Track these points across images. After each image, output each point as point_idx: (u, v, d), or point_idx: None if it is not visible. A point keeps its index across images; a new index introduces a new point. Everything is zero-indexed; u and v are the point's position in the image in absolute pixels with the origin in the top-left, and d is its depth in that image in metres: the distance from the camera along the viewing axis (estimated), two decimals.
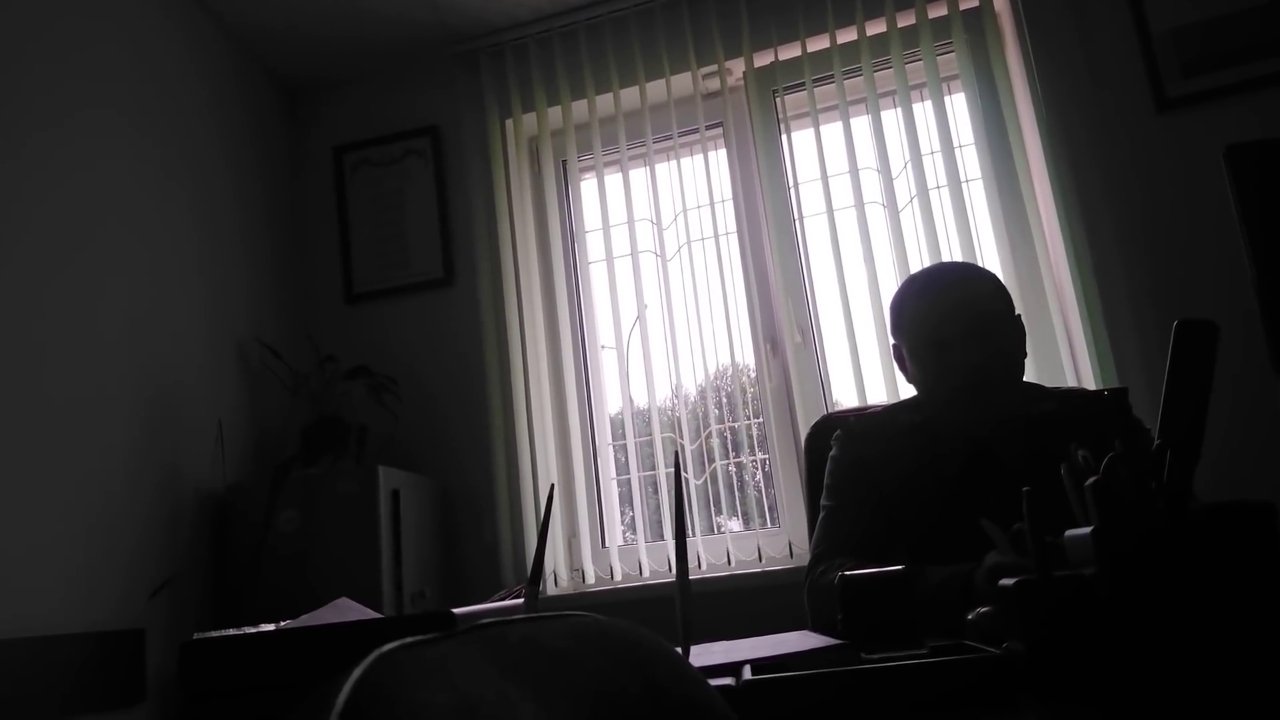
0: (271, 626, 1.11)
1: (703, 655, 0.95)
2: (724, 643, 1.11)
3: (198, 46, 2.60)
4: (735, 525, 2.59)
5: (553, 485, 1.22)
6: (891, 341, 1.62)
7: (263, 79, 2.91)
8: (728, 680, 0.82)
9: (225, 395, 2.46)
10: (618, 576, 2.52)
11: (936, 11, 2.54)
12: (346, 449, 2.44)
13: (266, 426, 2.61)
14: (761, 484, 2.60)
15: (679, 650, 0.90)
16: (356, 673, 0.32)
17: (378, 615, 1.16)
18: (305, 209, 2.96)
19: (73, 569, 1.89)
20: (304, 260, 2.92)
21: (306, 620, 1.10)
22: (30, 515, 1.80)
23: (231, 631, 1.04)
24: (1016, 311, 1.55)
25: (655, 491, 2.61)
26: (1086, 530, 0.77)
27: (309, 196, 2.96)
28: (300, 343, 2.77)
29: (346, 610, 1.13)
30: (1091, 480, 0.79)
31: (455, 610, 0.96)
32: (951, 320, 1.46)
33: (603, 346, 2.78)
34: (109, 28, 2.25)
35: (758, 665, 0.84)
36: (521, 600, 1.00)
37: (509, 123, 2.85)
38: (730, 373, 2.70)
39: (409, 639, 0.39)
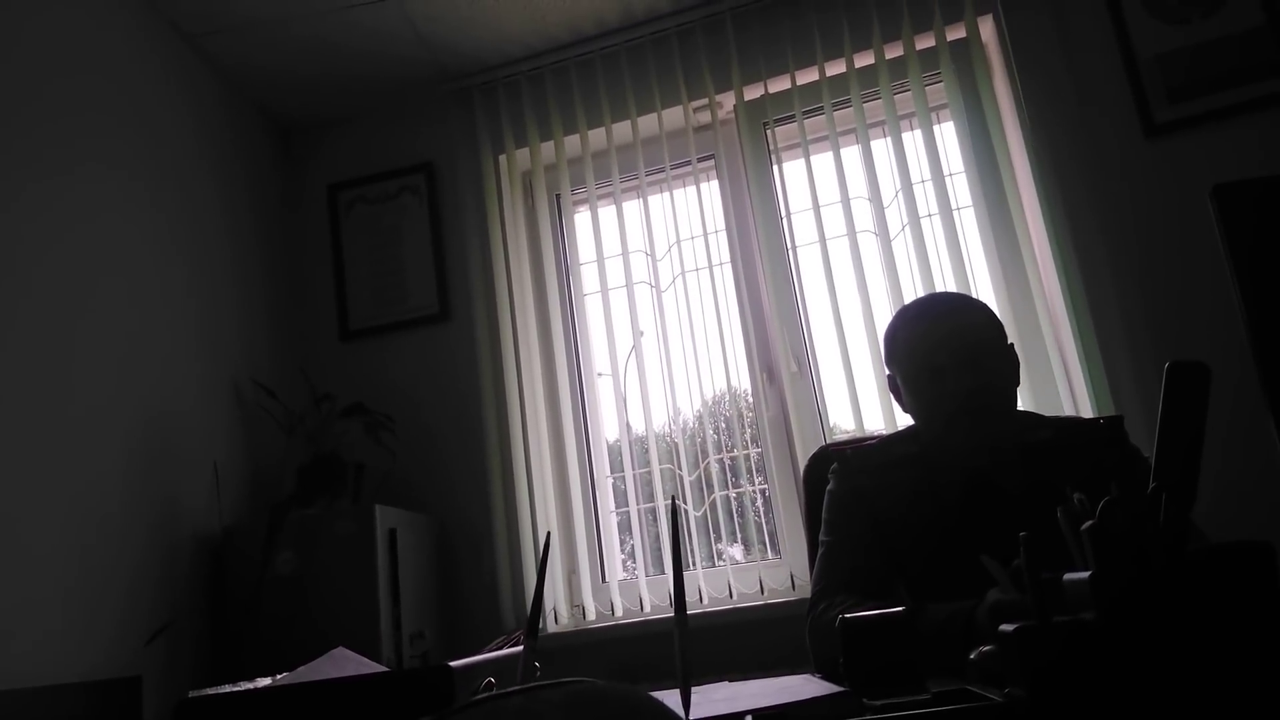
0: (268, 681, 1.10)
1: (704, 704, 0.94)
2: (726, 686, 1.10)
3: (191, 88, 2.61)
4: (737, 553, 2.58)
5: (549, 534, 1.22)
6: (886, 372, 1.62)
7: (257, 119, 2.93)
8: None
9: (220, 436, 2.46)
10: (618, 612, 2.51)
11: (924, 43, 2.57)
12: (344, 488, 2.43)
13: (262, 466, 2.60)
14: (762, 512, 2.59)
15: (672, 697, 0.89)
16: None
17: (376, 666, 1.15)
18: (301, 247, 2.97)
19: (66, 616, 1.87)
20: (299, 298, 2.93)
21: (304, 673, 1.09)
22: (23, 561, 1.79)
23: (227, 688, 1.03)
24: (1009, 341, 1.56)
25: (655, 522, 2.60)
26: (1084, 575, 0.77)
27: (304, 234, 2.97)
28: (296, 381, 2.76)
29: (344, 662, 1.12)
30: (1088, 525, 0.79)
31: (455, 663, 0.95)
32: (945, 348, 1.47)
33: (599, 374, 2.78)
34: (103, 68, 2.27)
35: (760, 716, 0.83)
36: (519, 648, 1.00)
37: (502, 158, 2.86)
38: (727, 401, 2.70)
39: None
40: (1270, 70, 2.30)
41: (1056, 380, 2.35)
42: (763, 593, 2.41)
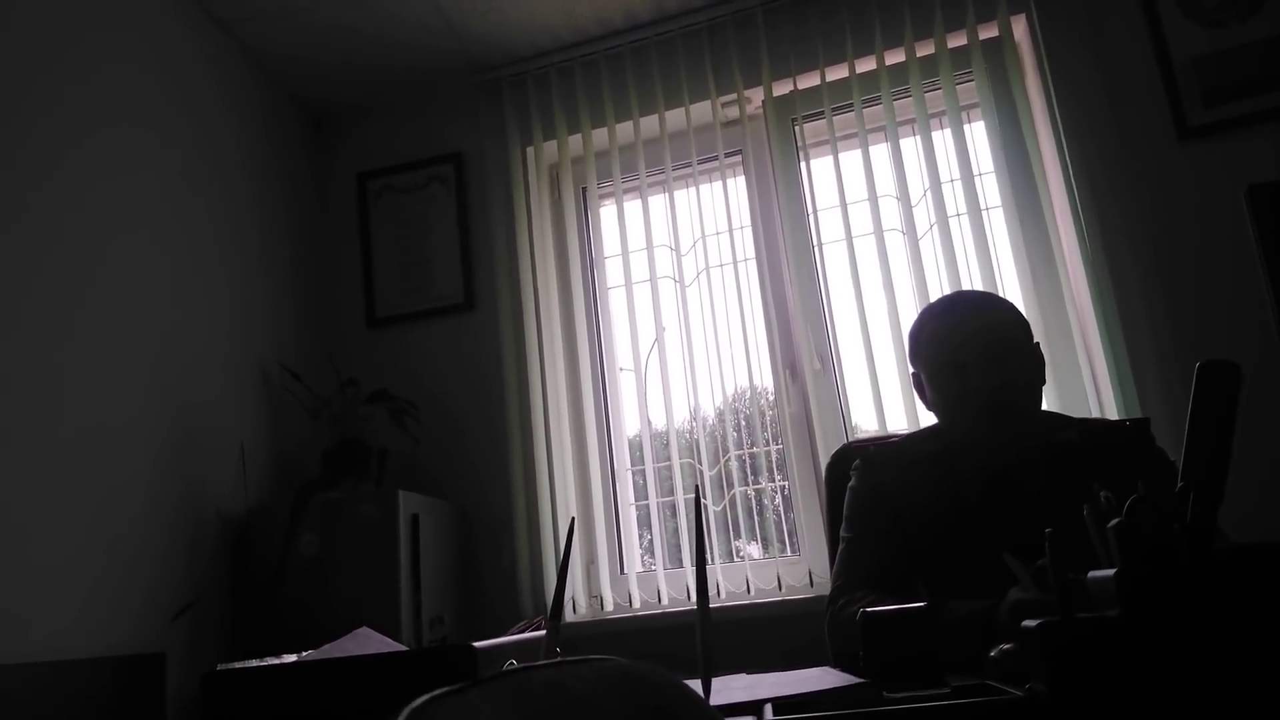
0: (293, 657, 1.12)
1: (724, 691, 0.94)
2: (746, 677, 1.10)
3: (225, 73, 2.65)
4: (755, 551, 2.59)
5: (573, 519, 1.23)
6: (910, 370, 1.62)
7: (289, 106, 2.96)
8: (749, 719, 0.82)
9: (247, 418, 2.49)
10: (636, 604, 2.52)
11: (956, 41, 2.56)
12: (367, 473, 2.45)
13: (288, 450, 2.63)
14: (781, 510, 2.59)
15: (700, 686, 0.90)
16: None
17: (398, 646, 1.16)
18: (329, 234, 3.00)
19: (93, 592, 1.90)
20: (327, 284, 2.96)
21: (328, 651, 1.11)
22: (51, 538, 1.82)
23: (254, 663, 1.04)
24: (1035, 340, 1.55)
25: (674, 516, 2.61)
26: (1110, 572, 0.77)
27: (333, 222, 3.00)
28: (322, 366, 2.79)
29: (366, 641, 1.14)
30: (1115, 522, 0.79)
31: (476, 645, 0.96)
32: (970, 345, 1.47)
33: (620, 369, 2.79)
34: (137, 51, 2.30)
35: (779, 705, 0.84)
36: (542, 632, 1.00)
37: (530, 150, 2.88)
38: (749, 398, 2.70)
39: (437, 691, 0.39)
40: None
41: (1084, 382, 2.34)
42: (780, 589, 2.41)
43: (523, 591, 2.52)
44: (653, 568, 2.60)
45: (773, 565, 2.45)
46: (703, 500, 2.54)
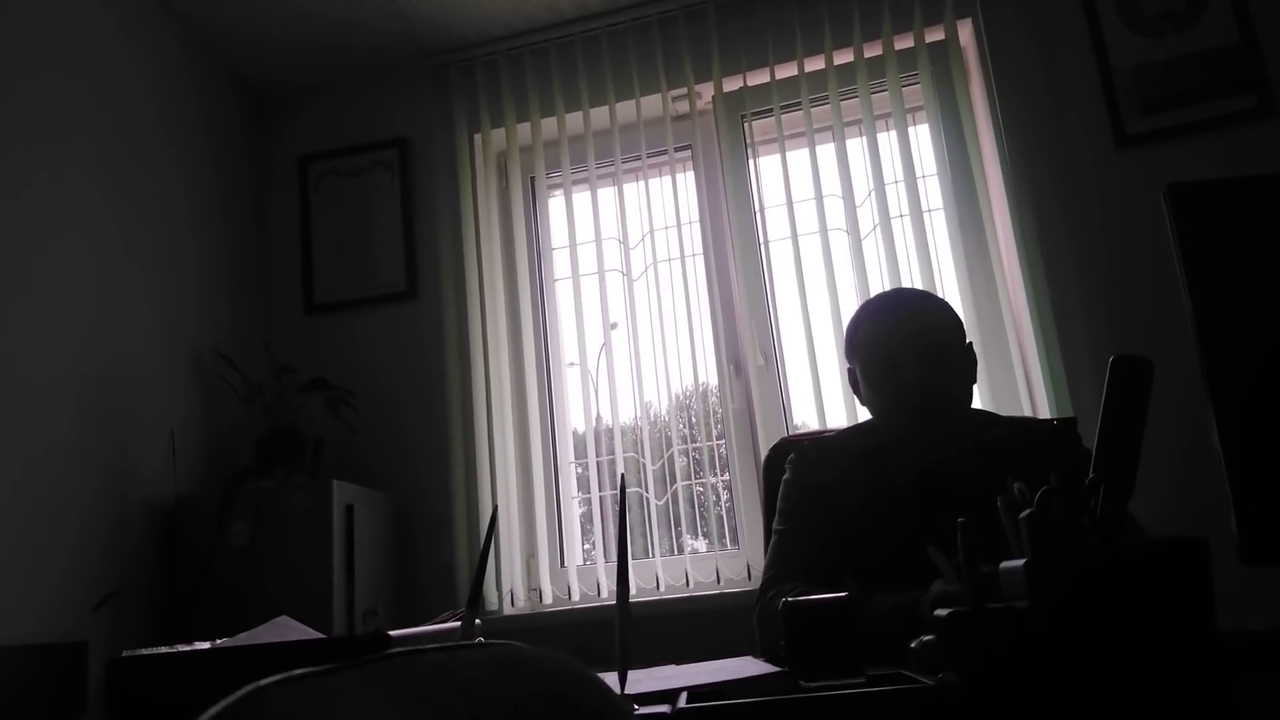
0: (207, 645, 1.09)
1: (642, 681, 0.94)
2: (665, 668, 1.10)
3: (158, 45, 2.56)
4: (699, 545, 2.59)
5: (495, 509, 1.21)
6: (846, 365, 1.63)
7: (228, 82, 2.88)
8: (663, 708, 0.81)
9: (178, 404, 2.43)
10: (575, 596, 2.50)
11: (903, 43, 2.58)
12: (301, 462, 2.41)
13: (220, 437, 2.57)
14: (724, 504, 2.60)
15: (613, 676, 0.89)
16: (217, 709, 0.31)
17: (318, 635, 1.14)
18: (269, 217, 2.93)
19: (9, 578, 1.84)
20: (265, 269, 2.89)
21: (243, 639, 1.08)
22: None
23: (163, 650, 1.01)
24: (968, 341, 1.57)
25: (618, 509, 2.59)
26: (1020, 563, 0.77)
27: (272, 205, 2.93)
28: (258, 353, 2.73)
29: (286, 629, 1.11)
30: (1025, 513, 0.79)
31: (394, 633, 0.94)
32: (907, 343, 1.48)
33: (570, 364, 2.77)
34: (59, 19, 2.21)
35: (694, 693, 0.83)
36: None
37: (478, 137, 2.84)
38: (694, 392, 2.70)
39: (299, 671, 0.38)
40: (1236, 88, 2.34)
41: (1017, 381, 2.38)
42: (719, 582, 2.42)
43: (460, 584, 2.49)
44: (593, 561, 2.58)
45: (712, 559, 2.46)
46: (644, 495, 2.53)
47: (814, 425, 2.48)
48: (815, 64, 2.62)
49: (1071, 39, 2.48)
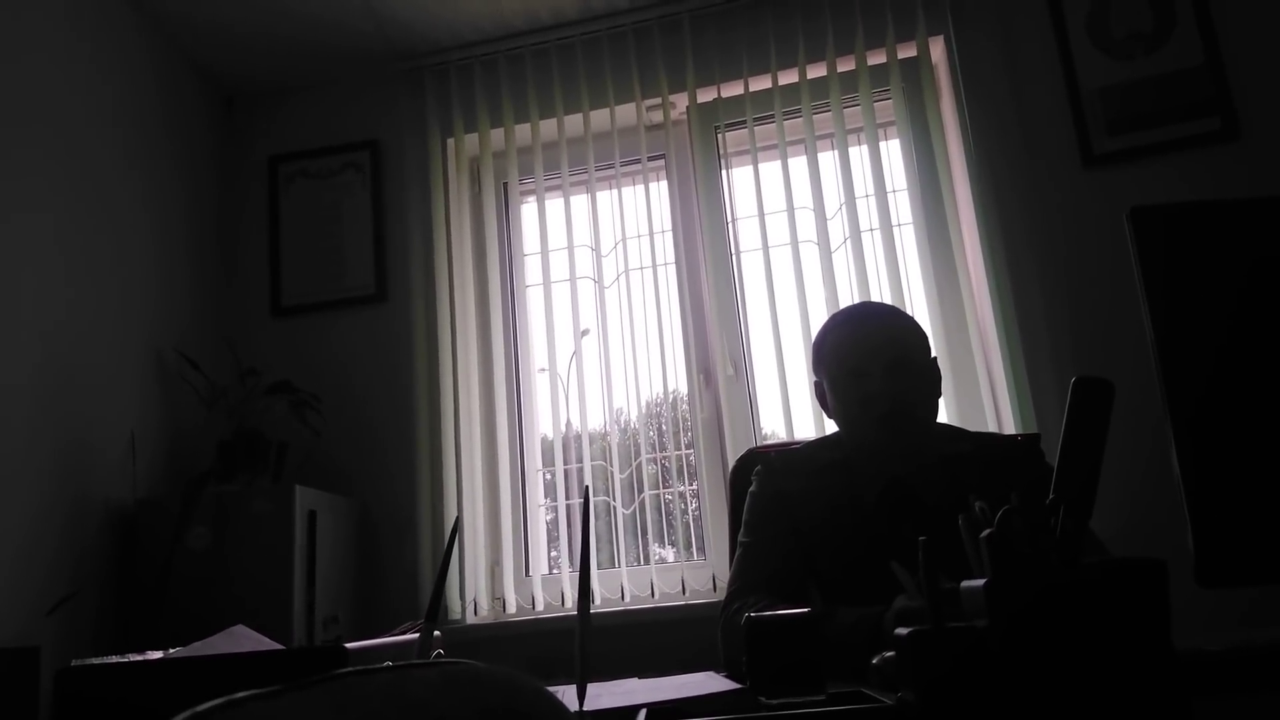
0: (159, 655, 1.07)
1: (602, 697, 0.93)
2: (626, 682, 1.09)
3: (116, 35, 2.50)
4: (665, 554, 2.58)
5: (458, 518, 1.20)
6: (813, 378, 1.63)
7: (196, 79, 2.84)
8: None
9: (138, 405, 2.38)
10: (539, 606, 2.49)
11: (875, 59, 2.60)
12: (264, 466, 2.37)
13: (182, 439, 2.53)
14: (691, 514, 2.59)
15: (569, 692, 0.88)
16: None
17: (273, 645, 1.12)
18: (237, 217, 2.89)
19: None
20: (231, 269, 2.85)
21: (198, 649, 1.06)
22: None
23: (113, 659, 0.99)
24: (934, 355, 1.58)
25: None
26: (980, 582, 0.77)
27: (241, 205, 2.90)
28: (222, 355, 2.69)
29: (241, 639, 1.09)
30: (986, 533, 0.80)
31: (351, 645, 0.93)
32: (873, 353, 1.49)
33: (541, 370, 2.75)
34: (18, 10, 2.17)
35: (654, 710, 0.83)
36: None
37: (450, 142, 2.83)
38: (663, 401, 2.69)
39: (241, 694, 0.37)
40: (1201, 110, 2.38)
41: (982, 396, 2.40)
42: (684, 592, 2.41)
43: (424, 591, 2.47)
44: (559, 570, 2.57)
45: (678, 569, 2.45)
46: (611, 503, 2.52)
47: (782, 435, 2.48)
48: (789, 77, 2.63)
49: (1041, 58, 2.51)
